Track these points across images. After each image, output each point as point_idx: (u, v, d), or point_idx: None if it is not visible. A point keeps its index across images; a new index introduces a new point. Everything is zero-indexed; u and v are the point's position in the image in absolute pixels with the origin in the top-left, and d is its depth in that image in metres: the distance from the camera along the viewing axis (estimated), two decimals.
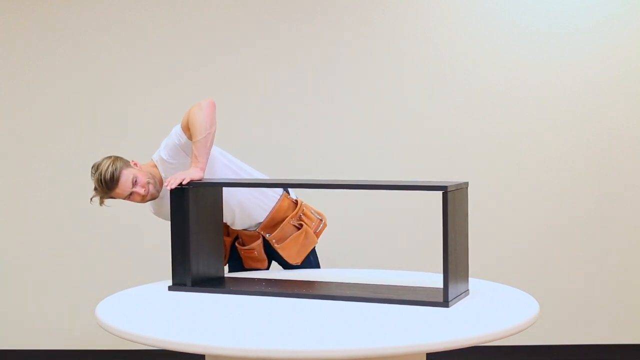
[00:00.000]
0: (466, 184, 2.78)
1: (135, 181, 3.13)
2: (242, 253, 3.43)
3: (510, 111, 4.62)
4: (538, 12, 4.59)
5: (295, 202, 3.46)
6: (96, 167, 3.16)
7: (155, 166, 3.29)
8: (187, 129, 3.16)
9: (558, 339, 4.64)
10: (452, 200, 2.61)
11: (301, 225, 3.44)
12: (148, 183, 3.17)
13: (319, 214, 3.53)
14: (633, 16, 4.58)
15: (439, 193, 2.60)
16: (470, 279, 2.86)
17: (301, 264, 3.48)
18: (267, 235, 3.39)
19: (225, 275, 3.15)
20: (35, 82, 4.71)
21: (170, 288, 2.94)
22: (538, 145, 4.63)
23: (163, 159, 3.25)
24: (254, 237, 3.41)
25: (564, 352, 4.63)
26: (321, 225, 3.51)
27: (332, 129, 4.65)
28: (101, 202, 3.22)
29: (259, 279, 3.06)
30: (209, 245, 3.02)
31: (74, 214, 4.71)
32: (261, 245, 3.41)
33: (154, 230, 4.53)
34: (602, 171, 4.62)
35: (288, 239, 3.40)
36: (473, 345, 2.26)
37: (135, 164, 3.21)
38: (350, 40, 4.63)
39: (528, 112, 4.62)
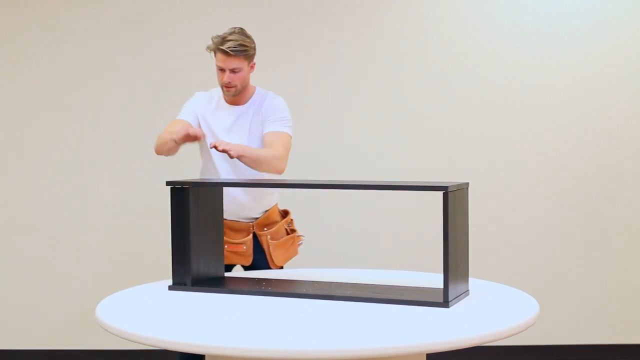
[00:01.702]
0: (467, 184, 2.78)
1: (238, 70, 3.27)
2: (226, 248, 3.40)
3: (511, 111, 4.62)
4: (538, 12, 4.59)
5: (285, 212, 3.56)
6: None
7: None
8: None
9: (558, 339, 4.64)
10: (453, 201, 2.61)
11: (293, 231, 3.54)
12: (237, 87, 3.29)
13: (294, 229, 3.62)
14: (633, 16, 4.58)
15: (440, 193, 2.60)
16: (470, 279, 2.86)
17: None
18: (265, 230, 3.43)
19: (225, 275, 3.15)
20: (35, 81, 4.71)
21: (170, 288, 2.94)
22: (538, 145, 4.63)
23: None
24: (243, 232, 3.43)
25: (564, 352, 4.63)
26: (301, 240, 3.59)
27: (332, 129, 4.65)
28: (215, 52, 3.29)
29: (259, 279, 3.06)
30: (209, 245, 3.02)
31: (74, 213, 4.71)
32: (252, 240, 3.43)
33: (154, 230, 4.54)
34: (602, 171, 4.62)
35: (281, 240, 3.48)
36: (473, 345, 2.26)
37: (253, 68, 3.39)
38: (351, 40, 4.63)
39: (528, 112, 4.62)
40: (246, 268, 3.50)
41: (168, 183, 2.97)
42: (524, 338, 4.22)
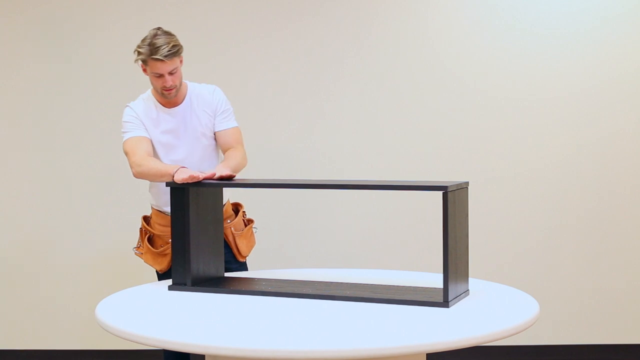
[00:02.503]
0: (466, 183, 2.78)
1: (175, 71, 3.23)
2: None
3: (511, 111, 4.62)
4: (538, 12, 4.59)
5: (237, 205, 3.57)
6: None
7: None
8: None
9: (558, 339, 4.64)
10: (453, 200, 2.61)
11: (250, 221, 3.56)
12: (177, 87, 3.26)
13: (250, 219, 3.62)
14: (633, 17, 4.58)
15: (439, 193, 2.60)
16: (470, 279, 2.86)
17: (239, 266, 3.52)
18: (228, 221, 3.43)
19: (225, 275, 3.15)
20: (34, 81, 4.71)
21: (170, 288, 2.94)
22: (538, 145, 4.63)
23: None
24: None
25: (564, 352, 4.64)
26: (255, 229, 3.63)
27: (332, 129, 4.65)
28: (144, 67, 3.29)
29: (259, 279, 3.06)
30: (209, 245, 3.02)
31: (74, 213, 4.71)
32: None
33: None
34: (602, 171, 4.62)
35: (243, 230, 3.50)
36: (473, 345, 2.26)
37: (182, 62, 3.31)
38: (351, 40, 4.63)
39: (528, 113, 4.62)
40: None
41: (168, 183, 2.97)
42: (524, 338, 4.22)
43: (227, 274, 3.30)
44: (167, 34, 3.24)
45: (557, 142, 4.62)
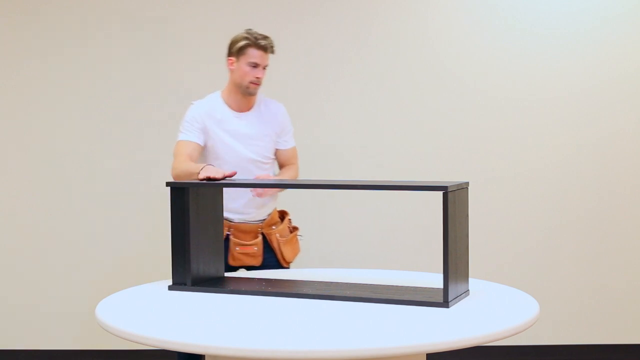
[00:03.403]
0: (467, 184, 2.78)
1: (265, 68, 3.40)
2: (237, 250, 3.46)
3: (511, 112, 4.62)
4: (538, 12, 4.59)
5: (283, 212, 3.67)
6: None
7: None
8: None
9: (558, 339, 4.65)
10: (453, 200, 2.61)
11: (295, 228, 3.64)
12: (260, 85, 3.42)
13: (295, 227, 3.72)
14: (633, 17, 4.58)
15: (439, 193, 2.60)
16: (470, 279, 2.86)
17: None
18: (273, 227, 3.52)
19: (225, 275, 3.15)
20: (34, 80, 4.71)
21: (170, 288, 2.94)
22: (538, 145, 4.63)
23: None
24: (252, 234, 3.48)
25: (564, 352, 4.64)
26: (300, 236, 3.72)
27: (332, 129, 4.65)
28: (232, 60, 3.41)
29: (259, 279, 3.06)
30: (209, 245, 3.02)
31: (74, 213, 4.71)
32: (262, 241, 3.49)
33: (154, 230, 4.54)
34: (602, 171, 4.62)
35: (288, 237, 3.57)
36: (473, 345, 2.26)
37: None
38: (350, 39, 4.63)
39: (528, 113, 4.62)
40: (254, 269, 3.52)
41: (168, 183, 2.97)
42: (524, 338, 4.22)
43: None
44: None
45: (557, 142, 4.62)
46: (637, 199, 4.63)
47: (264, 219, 3.52)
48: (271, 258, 3.52)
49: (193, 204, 2.91)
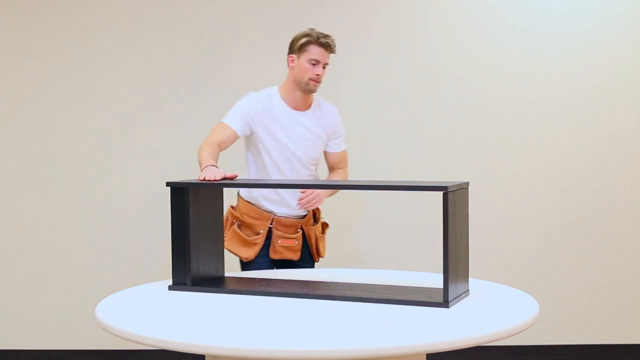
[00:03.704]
0: (467, 184, 2.78)
1: (326, 67, 3.43)
2: (279, 243, 3.52)
3: (511, 112, 4.62)
4: (538, 12, 4.59)
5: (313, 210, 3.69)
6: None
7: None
8: None
9: (558, 339, 4.65)
10: (453, 201, 2.61)
11: (325, 225, 3.71)
12: (320, 83, 3.45)
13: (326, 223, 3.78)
14: (634, 17, 4.58)
15: (440, 193, 2.60)
16: (470, 279, 2.85)
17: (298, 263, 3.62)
18: (311, 224, 3.60)
19: (225, 275, 3.15)
20: (35, 79, 4.71)
21: (170, 288, 2.94)
22: (538, 145, 4.63)
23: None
24: (293, 228, 3.54)
25: (564, 352, 4.64)
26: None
27: None
28: (293, 58, 3.45)
29: (259, 279, 3.06)
30: (209, 245, 3.01)
31: (74, 213, 4.71)
32: (302, 236, 3.56)
33: (154, 230, 4.54)
34: (603, 171, 4.62)
35: (324, 234, 3.70)
36: (473, 345, 2.26)
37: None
38: (350, 39, 4.62)
39: (529, 113, 4.62)
40: (289, 265, 3.56)
41: (168, 183, 2.97)
42: (524, 338, 4.22)
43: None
44: None
45: (557, 142, 4.62)
46: (637, 198, 4.63)
47: (305, 215, 3.58)
48: (306, 252, 3.60)
49: (193, 204, 2.91)
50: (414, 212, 4.62)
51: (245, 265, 3.54)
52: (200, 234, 2.95)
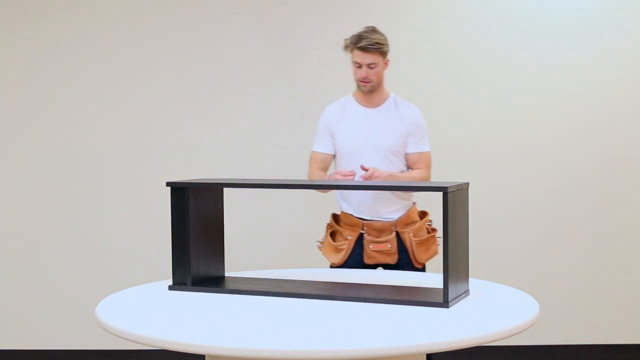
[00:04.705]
0: (467, 184, 2.78)
1: (374, 66, 3.43)
2: (371, 247, 3.50)
3: (511, 112, 4.63)
4: (544, 12, 4.59)
5: (423, 212, 3.64)
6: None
7: None
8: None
9: (558, 339, 4.64)
10: (453, 201, 2.61)
11: (433, 230, 3.60)
12: (373, 82, 3.45)
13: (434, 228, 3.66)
14: (634, 18, 4.58)
15: (439, 193, 2.60)
16: (470, 279, 2.85)
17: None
18: (407, 228, 3.53)
19: (225, 275, 3.15)
20: (36, 79, 4.71)
21: (170, 288, 2.94)
22: (538, 145, 4.63)
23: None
24: (386, 232, 3.51)
25: (564, 352, 4.63)
26: (439, 241, 3.62)
27: None
28: (352, 50, 3.47)
29: (259, 279, 3.06)
30: (209, 244, 3.02)
31: (73, 213, 4.71)
32: (395, 239, 3.50)
33: (154, 230, 4.54)
34: (602, 171, 4.62)
35: (423, 238, 3.56)
36: (473, 345, 2.26)
37: (387, 64, 3.52)
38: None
39: (529, 113, 4.62)
40: (389, 268, 3.53)
41: (168, 183, 2.97)
42: (524, 338, 4.21)
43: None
44: (379, 32, 3.48)
45: (557, 142, 4.62)
46: (637, 198, 4.63)
47: (398, 218, 3.53)
48: (406, 258, 3.53)
49: (193, 204, 2.91)
50: None
51: None
52: (200, 234, 2.95)
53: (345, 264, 3.55)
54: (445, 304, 2.55)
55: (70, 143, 4.70)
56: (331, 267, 3.59)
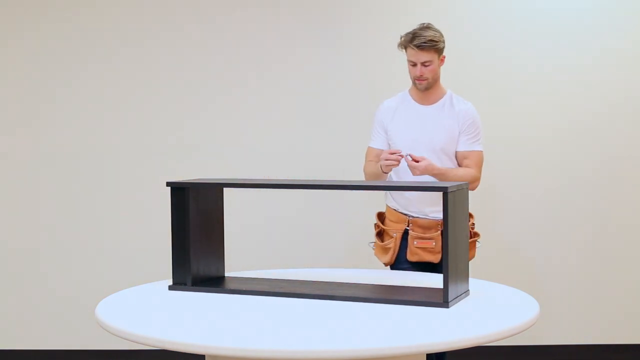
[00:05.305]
0: (466, 184, 2.78)
1: (429, 64, 3.43)
2: (415, 244, 3.49)
3: (511, 112, 4.62)
4: (539, 12, 4.59)
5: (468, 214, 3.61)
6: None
7: None
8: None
9: (558, 339, 4.64)
10: (453, 201, 2.61)
11: (475, 234, 3.58)
12: (428, 79, 3.46)
13: (476, 233, 3.62)
14: (633, 19, 4.58)
15: (440, 193, 2.60)
16: (470, 279, 2.86)
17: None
18: None
19: (225, 275, 3.15)
20: (36, 79, 4.71)
21: (170, 288, 2.94)
22: (538, 145, 4.63)
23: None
24: (431, 229, 3.49)
25: (564, 352, 4.63)
26: (479, 244, 3.61)
27: (333, 129, 4.65)
28: (406, 48, 3.46)
29: (259, 279, 3.06)
30: (209, 245, 3.02)
31: (73, 213, 4.71)
32: (440, 237, 3.45)
33: (154, 230, 4.54)
34: (602, 171, 4.62)
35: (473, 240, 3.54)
36: (473, 345, 2.26)
37: (442, 61, 3.52)
38: (350, 38, 4.63)
39: (528, 112, 4.62)
40: (430, 269, 3.49)
41: (168, 183, 2.97)
42: (524, 338, 4.22)
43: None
44: (433, 29, 3.47)
45: (557, 142, 4.62)
46: (637, 198, 4.63)
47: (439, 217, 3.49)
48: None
49: (193, 204, 2.92)
50: None
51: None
52: (200, 234, 2.95)
53: (395, 262, 3.56)
54: (445, 304, 2.56)
55: (70, 143, 4.70)
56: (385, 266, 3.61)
